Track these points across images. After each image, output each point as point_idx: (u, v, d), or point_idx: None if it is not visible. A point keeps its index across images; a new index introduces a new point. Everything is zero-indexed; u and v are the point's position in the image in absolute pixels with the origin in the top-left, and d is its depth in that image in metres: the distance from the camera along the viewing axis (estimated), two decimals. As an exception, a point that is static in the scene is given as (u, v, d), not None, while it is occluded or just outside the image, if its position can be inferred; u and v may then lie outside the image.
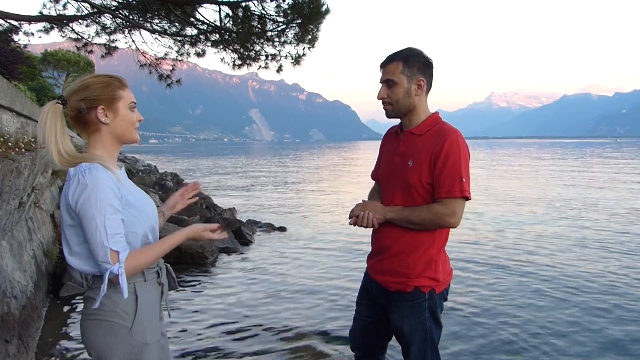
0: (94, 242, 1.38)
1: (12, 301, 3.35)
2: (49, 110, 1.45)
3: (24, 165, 3.49)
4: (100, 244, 1.37)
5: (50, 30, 8.09)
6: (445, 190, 1.87)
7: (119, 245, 1.40)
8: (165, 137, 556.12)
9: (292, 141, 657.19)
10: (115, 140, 1.54)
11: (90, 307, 1.48)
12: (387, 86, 1.97)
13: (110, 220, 1.38)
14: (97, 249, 1.38)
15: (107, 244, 1.38)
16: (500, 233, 8.42)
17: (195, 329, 4.13)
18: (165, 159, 51.35)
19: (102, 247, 1.37)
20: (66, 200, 1.42)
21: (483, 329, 4.13)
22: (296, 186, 18.57)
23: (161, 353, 1.62)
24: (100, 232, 1.37)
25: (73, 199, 1.39)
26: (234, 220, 8.61)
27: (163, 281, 1.62)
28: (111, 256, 1.38)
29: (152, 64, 8.82)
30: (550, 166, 29.43)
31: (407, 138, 2.01)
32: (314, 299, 4.96)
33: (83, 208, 1.38)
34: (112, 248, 1.38)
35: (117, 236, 1.40)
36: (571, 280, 5.55)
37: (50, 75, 26.14)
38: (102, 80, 1.50)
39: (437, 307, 2.00)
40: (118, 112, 1.51)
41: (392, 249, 2.00)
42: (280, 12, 7.40)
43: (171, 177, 18.15)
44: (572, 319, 4.34)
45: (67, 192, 1.42)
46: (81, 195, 1.37)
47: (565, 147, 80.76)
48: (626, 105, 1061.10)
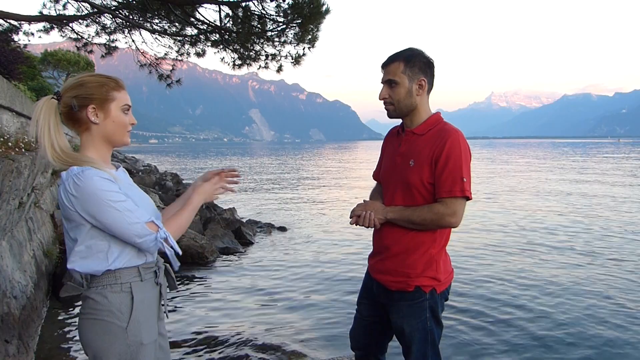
0: (125, 227, 1.39)
1: (12, 301, 3.34)
2: (43, 105, 1.46)
3: (24, 165, 3.48)
4: (132, 223, 1.40)
5: (50, 30, 8.08)
6: (446, 190, 1.87)
7: (147, 216, 1.44)
8: (165, 137, 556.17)
9: (292, 141, 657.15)
10: (105, 141, 1.54)
11: (88, 306, 1.48)
12: (389, 86, 1.97)
13: (124, 202, 1.41)
14: (132, 230, 1.40)
15: (138, 220, 1.41)
16: (501, 233, 8.42)
17: (195, 328, 4.12)
18: (165, 159, 51.32)
19: (135, 224, 1.40)
20: (62, 204, 1.42)
21: (484, 329, 4.12)
22: (296, 186, 18.57)
23: (160, 353, 1.62)
24: (125, 215, 1.39)
25: (72, 203, 1.39)
26: (234, 220, 8.61)
27: (161, 281, 1.61)
28: (149, 226, 1.42)
29: (152, 64, 8.81)
30: (552, 166, 29.43)
31: (408, 138, 2.01)
32: (314, 299, 4.96)
33: (95, 207, 1.38)
34: (145, 220, 1.42)
35: (140, 210, 1.44)
36: (573, 280, 5.54)
37: (50, 75, 26.10)
38: (97, 80, 1.50)
39: (438, 307, 1.99)
40: (109, 113, 1.50)
41: (393, 249, 1.99)
42: (280, 12, 7.39)
43: (171, 177, 18.14)
44: (574, 320, 4.33)
45: (61, 196, 1.41)
46: (82, 196, 1.37)
47: (575, 147, 79.20)
48: (626, 105, 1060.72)
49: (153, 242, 1.42)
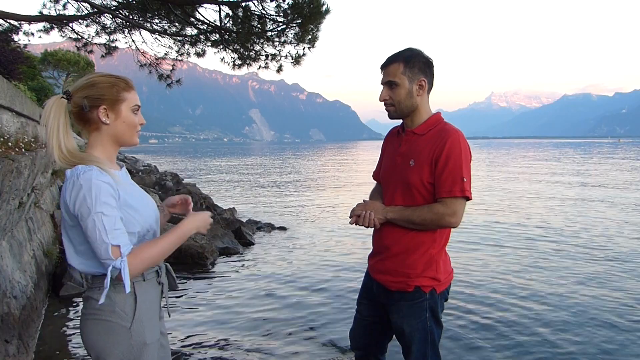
0: (94, 241, 1.37)
1: (12, 301, 3.34)
2: (53, 104, 1.46)
3: (24, 165, 3.48)
4: (100, 240, 1.36)
5: (50, 30, 8.08)
6: (446, 190, 1.88)
7: (119, 240, 1.38)
8: (165, 137, 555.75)
9: (292, 141, 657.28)
10: (114, 141, 1.54)
11: (90, 306, 1.48)
12: (389, 87, 1.97)
13: (108, 218, 1.37)
14: (98, 247, 1.37)
15: (107, 240, 1.36)
16: (501, 233, 8.42)
17: (195, 328, 4.12)
18: (165, 159, 51.32)
19: (102, 243, 1.36)
20: (64, 202, 1.42)
21: (484, 329, 4.12)
22: (296, 186, 18.57)
23: (161, 352, 1.62)
24: (99, 229, 1.36)
25: (70, 201, 1.39)
26: (234, 220, 8.61)
27: (163, 281, 1.62)
28: (112, 251, 1.36)
29: (152, 64, 8.81)
30: (556, 166, 29.44)
31: (408, 138, 2.01)
32: (314, 299, 4.96)
33: (81, 209, 1.38)
34: (113, 243, 1.37)
35: (117, 232, 1.39)
36: (574, 280, 5.54)
37: (50, 75, 26.11)
38: (108, 80, 1.50)
39: (438, 307, 2.00)
40: (120, 114, 1.51)
41: (393, 249, 2.00)
42: (280, 12, 7.39)
43: (171, 177, 18.13)
44: (575, 320, 4.33)
45: (64, 194, 1.42)
46: (77, 197, 1.38)
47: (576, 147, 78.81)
48: (626, 105, 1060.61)
49: (109, 266, 1.38)
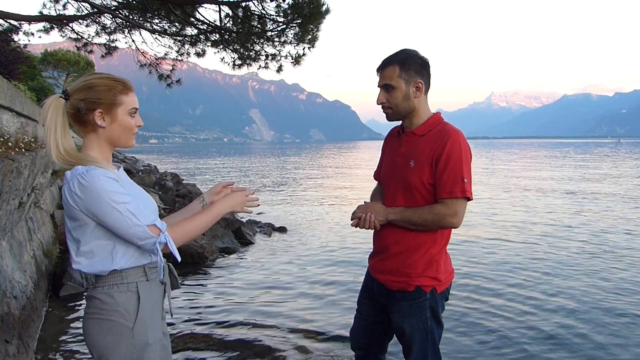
0: (128, 229, 1.39)
1: (12, 301, 3.34)
2: (51, 104, 1.46)
3: (24, 165, 3.48)
4: (134, 226, 1.39)
5: (50, 30, 8.09)
6: (446, 191, 1.88)
7: (150, 219, 1.43)
8: (165, 137, 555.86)
9: (292, 141, 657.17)
10: (110, 143, 1.55)
11: (93, 306, 1.48)
12: (386, 91, 1.97)
13: (130, 204, 1.40)
14: (134, 232, 1.40)
15: (141, 223, 1.40)
16: (501, 233, 8.42)
17: (195, 328, 4.12)
18: (165, 159, 51.33)
19: (137, 227, 1.39)
20: (68, 204, 1.42)
21: (484, 328, 4.12)
22: (296, 186, 18.57)
23: (163, 352, 1.62)
24: (127, 217, 1.38)
25: (78, 202, 1.39)
26: (234, 220, 8.60)
27: (165, 280, 1.62)
28: (151, 230, 1.41)
29: (152, 64, 8.81)
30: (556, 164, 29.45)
31: (408, 139, 2.01)
32: (314, 299, 4.96)
33: (98, 208, 1.38)
34: (148, 223, 1.41)
35: (145, 212, 1.43)
36: (576, 280, 5.54)
37: (50, 75, 26.13)
38: (106, 83, 1.50)
39: (439, 307, 2.00)
40: (116, 118, 1.51)
41: (394, 249, 2.00)
42: (280, 12, 7.39)
43: (171, 177, 18.13)
44: (576, 320, 4.32)
45: (67, 195, 1.42)
46: (89, 197, 1.38)
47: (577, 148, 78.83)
48: (626, 105, 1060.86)
49: (153, 245, 1.42)
